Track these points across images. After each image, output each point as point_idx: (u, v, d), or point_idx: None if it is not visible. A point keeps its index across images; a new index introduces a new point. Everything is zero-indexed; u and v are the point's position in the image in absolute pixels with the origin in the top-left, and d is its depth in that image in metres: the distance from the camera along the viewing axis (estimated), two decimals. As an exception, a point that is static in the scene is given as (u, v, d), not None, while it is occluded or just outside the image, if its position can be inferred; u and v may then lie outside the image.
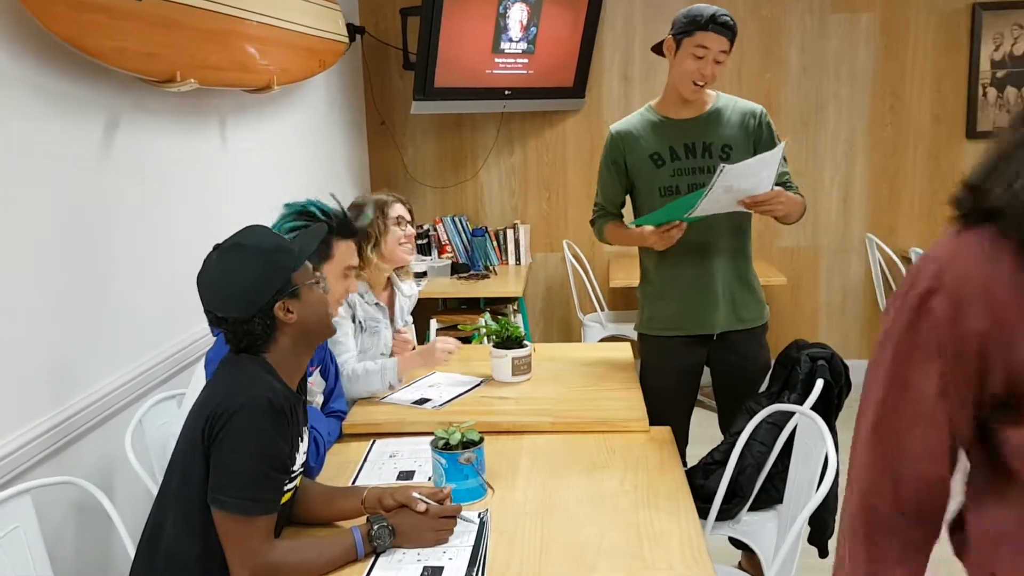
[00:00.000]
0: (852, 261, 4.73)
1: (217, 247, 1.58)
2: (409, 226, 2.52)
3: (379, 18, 4.63)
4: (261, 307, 1.53)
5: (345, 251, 2.07)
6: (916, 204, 4.65)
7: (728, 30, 2.38)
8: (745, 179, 2.23)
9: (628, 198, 2.60)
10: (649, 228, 2.40)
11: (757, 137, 2.47)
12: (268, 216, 1.99)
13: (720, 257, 2.48)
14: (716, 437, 2.52)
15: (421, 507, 1.61)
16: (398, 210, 2.50)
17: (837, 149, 4.63)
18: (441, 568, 1.53)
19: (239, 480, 1.47)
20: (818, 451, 1.82)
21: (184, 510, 1.52)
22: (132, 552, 1.68)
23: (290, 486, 1.60)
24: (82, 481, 1.75)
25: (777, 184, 2.37)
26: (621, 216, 2.63)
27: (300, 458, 1.63)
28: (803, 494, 1.88)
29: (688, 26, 2.38)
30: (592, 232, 2.71)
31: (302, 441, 1.64)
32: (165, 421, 2.12)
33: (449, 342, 2.44)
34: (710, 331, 2.51)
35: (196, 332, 2.51)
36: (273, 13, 2.90)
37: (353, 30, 4.18)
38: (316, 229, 1.74)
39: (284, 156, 3.40)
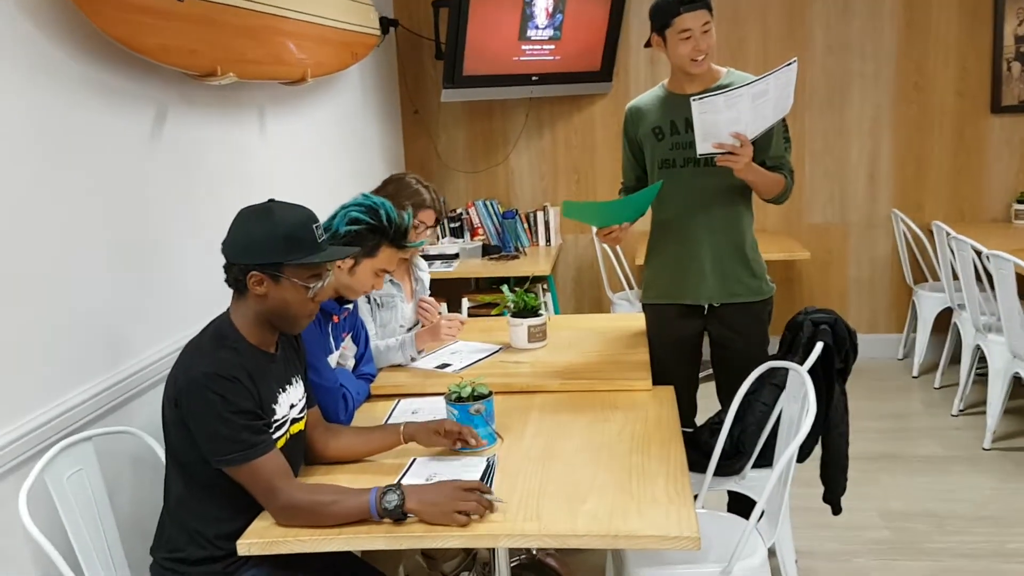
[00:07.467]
0: (879, 236, 4.79)
1: (271, 200, 1.81)
2: (429, 230, 2.72)
3: (412, 11, 4.82)
4: (240, 264, 1.74)
5: (389, 257, 2.21)
6: (942, 180, 4.68)
7: (700, 2, 2.42)
8: (725, 111, 2.29)
9: None
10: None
11: None
12: (305, 200, 2.14)
13: (708, 232, 2.54)
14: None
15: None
16: (425, 217, 2.70)
17: (863, 127, 4.69)
18: (450, 503, 1.70)
19: (224, 441, 1.66)
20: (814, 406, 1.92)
21: (175, 461, 1.78)
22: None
23: (283, 429, 1.79)
24: (138, 431, 1.98)
25: (770, 162, 2.47)
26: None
27: (286, 402, 1.81)
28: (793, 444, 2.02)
29: (664, 17, 2.46)
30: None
31: (284, 389, 1.82)
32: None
33: (454, 321, 2.63)
34: (698, 302, 2.60)
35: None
36: (307, 10, 3.10)
37: (387, 23, 4.38)
38: (347, 250, 1.93)
39: (320, 144, 3.61)
